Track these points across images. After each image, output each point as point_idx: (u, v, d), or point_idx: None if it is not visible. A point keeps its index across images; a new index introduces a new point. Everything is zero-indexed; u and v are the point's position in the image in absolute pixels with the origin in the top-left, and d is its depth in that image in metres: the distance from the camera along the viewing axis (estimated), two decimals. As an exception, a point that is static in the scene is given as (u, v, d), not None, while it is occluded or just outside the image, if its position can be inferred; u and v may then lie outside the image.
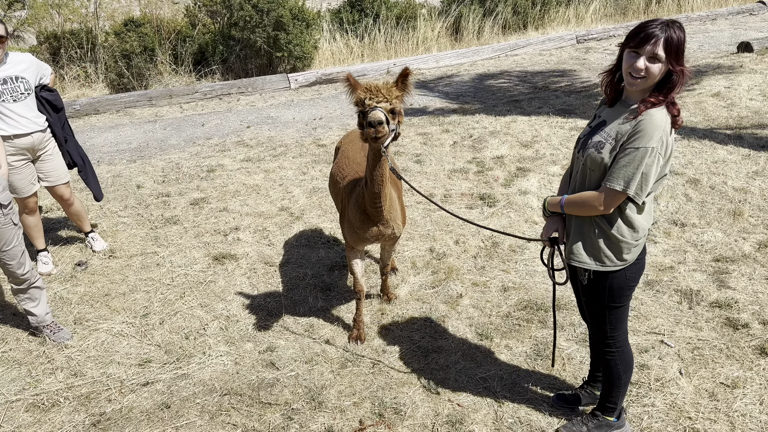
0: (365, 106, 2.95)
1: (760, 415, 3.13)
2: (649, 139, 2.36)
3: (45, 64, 4.80)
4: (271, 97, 9.99)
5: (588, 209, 2.54)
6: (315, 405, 3.37)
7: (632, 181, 2.40)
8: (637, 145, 2.37)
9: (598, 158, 2.49)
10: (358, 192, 3.44)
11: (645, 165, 2.38)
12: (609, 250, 2.59)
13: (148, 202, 6.05)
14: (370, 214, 3.40)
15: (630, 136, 2.40)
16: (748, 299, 4.06)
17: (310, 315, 4.21)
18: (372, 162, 3.15)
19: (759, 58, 10.00)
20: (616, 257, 2.60)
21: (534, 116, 8.01)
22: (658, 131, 2.36)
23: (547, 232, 2.81)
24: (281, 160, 7.02)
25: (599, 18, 14.17)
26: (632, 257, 2.62)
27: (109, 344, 3.99)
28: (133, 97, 9.69)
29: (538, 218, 5.32)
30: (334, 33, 12.00)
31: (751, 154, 6.28)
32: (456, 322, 4.04)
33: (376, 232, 3.49)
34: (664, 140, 2.38)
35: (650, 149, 2.36)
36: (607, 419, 3.03)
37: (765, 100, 7.87)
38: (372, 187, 3.23)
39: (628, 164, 2.40)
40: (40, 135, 4.59)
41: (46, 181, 4.76)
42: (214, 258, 4.94)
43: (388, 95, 2.96)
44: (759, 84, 8.59)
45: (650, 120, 2.37)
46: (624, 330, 2.85)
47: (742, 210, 5.16)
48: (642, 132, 2.37)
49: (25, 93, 4.48)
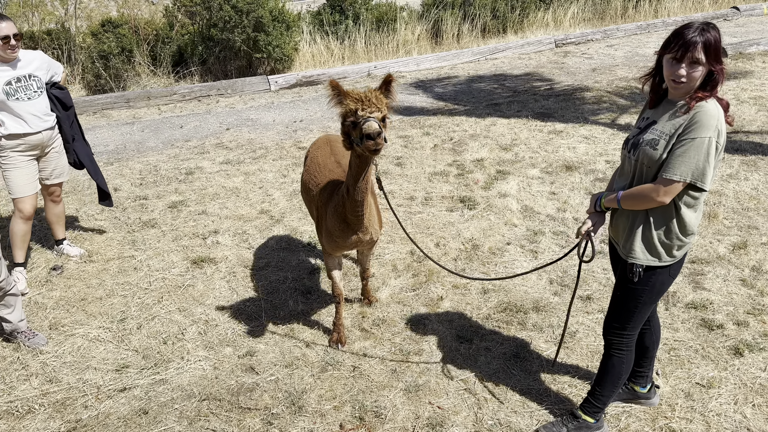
0: (358, 117, 2.84)
1: (734, 414, 3.18)
2: (707, 129, 2.42)
3: (56, 62, 4.78)
4: (251, 99, 9.94)
5: (646, 201, 2.58)
6: (295, 409, 3.35)
7: (690, 170, 2.45)
8: (694, 136, 2.43)
9: (655, 155, 2.54)
10: (337, 200, 3.35)
11: (703, 154, 2.43)
12: (661, 246, 2.66)
13: (125, 205, 5.97)
14: (350, 222, 3.34)
15: (686, 129, 2.46)
16: (723, 300, 4.13)
17: (291, 319, 4.18)
18: (356, 171, 3.07)
19: (733, 63, 10.19)
20: (667, 253, 2.67)
21: (513, 119, 8.06)
22: (713, 120, 2.42)
23: (587, 226, 2.87)
24: (261, 163, 6.98)
25: (577, 22, 14.32)
26: (681, 254, 2.71)
27: (85, 349, 3.92)
28: (111, 99, 9.57)
29: (518, 221, 5.35)
30: (314, 35, 11.98)
31: (725, 157, 6.39)
32: (436, 324, 4.05)
33: (355, 239, 3.44)
34: (720, 129, 2.44)
35: (707, 139, 2.42)
36: (587, 420, 3.06)
37: (739, 104, 8.02)
38: (355, 195, 3.16)
39: (684, 154, 2.45)
40: (49, 132, 4.58)
41: (47, 178, 4.72)
42: (192, 261, 4.89)
43: (379, 104, 2.88)
44: (733, 88, 8.76)
45: (705, 111, 2.43)
46: (637, 332, 2.92)
47: (716, 212, 5.24)
48: (698, 123, 2.43)
49: (38, 91, 4.46)
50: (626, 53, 11.73)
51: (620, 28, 13.46)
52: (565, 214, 5.42)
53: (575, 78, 10.16)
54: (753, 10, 14.73)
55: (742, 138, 6.92)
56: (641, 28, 13.55)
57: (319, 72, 10.85)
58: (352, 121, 2.88)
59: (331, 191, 3.51)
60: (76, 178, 6.49)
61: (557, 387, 3.45)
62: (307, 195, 3.89)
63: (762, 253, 4.65)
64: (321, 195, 3.61)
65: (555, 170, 6.35)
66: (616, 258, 2.86)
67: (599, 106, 8.51)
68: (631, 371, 3.16)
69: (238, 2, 10.29)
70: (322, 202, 3.58)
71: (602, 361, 3.02)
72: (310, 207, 3.87)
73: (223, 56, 10.94)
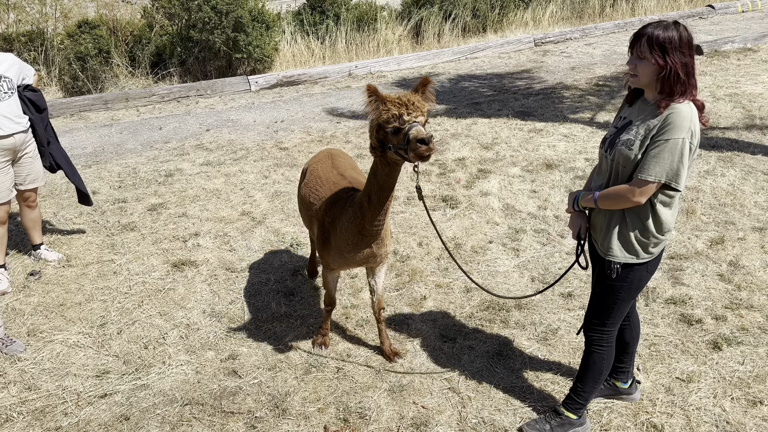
0: (403, 123, 2.69)
1: (714, 408, 3.23)
2: (680, 131, 2.45)
3: (27, 65, 4.71)
4: (231, 100, 9.87)
5: (622, 201, 2.62)
6: (279, 412, 3.33)
7: (665, 171, 2.49)
8: (668, 137, 2.47)
9: (630, 155, 2.58)
10: (353, 211, 3.15)
11: (677, 155, 2.47)
12: (638, 244, 2.70)
13: (104, 209, 5.90)
14: (366, 234, 3.16)
15: (660, 130, 2.50)
16: (702, 295, 4.19)
17: (273, 321, 4.16)
18: (384, 179, 2.94)
19: (708, 60, 10.34)
20: (644, 251, 2.71)
21: (494, 118, 8.10)
22: (686, 122, 2.46)
23: (575, 227, 2.92)
24: (242, 164, 6.93)
25: (556, 21, 14.43)
26: (657, 251, 2.75)
27: (64, 356, 3.87)
28: (88, 101, 9.44)
29: (499, 219, 5.38)
30: (294, 35, 11.93)
31: (702, 153, 6.48)
32: (420, 324, 4.06)
33: (367, 253, 3.27)
34: (693, 130, 2.48)
35: (681, 140, 2.45)
36: (569, 417, 3.08)
37: (715, 101, 8.14)
38: (378, 204, 3.01)
39: (658, 155, 2.49)
40: (22, 136, 4.49)
41: (21, 184, 4.63)
42: (173, 265, 4.85)
43: (422, 108, 2.75)
44: (709, 86, 8.88)
45: (677, 113, 2.47)
46: (617, 328, 2.96)
47: (694, 208, 5.32)
48: (671, 124, 2.47)
49: (9, 92, 4.38)
50: (604, 51, 11.85)
51: (598, 27, 13.59)
52: (546, 212, 5.46)
53: (554, 76, 10.23)
54: (728, 8, 14.95)
55: (718, 135, 7.02)
56: (619, 27, 13.69)
57: (299, 72, 10.80)
58: (395, 126, 2.71)
59: (342, 204, 3.30)
60: (53, 182, 6.40)
61: (540, 384, 3.48)
62: (307, 211, 3.70)
63: (739, 248, 4.72)
64: (326, 209, 3.41)
65: (535, 168, 6.39)
66: (595, 255, 2.90)
67: (578, 104, 8.59)
68: (612, 367, 3.19)
69: (218, 3, 10.22)
70: (329, 217, 3.36)
71: (583, 358, 3.04)
72: (311, 223, 3.68)
73: (202, 57, 10.85)
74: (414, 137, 2.63)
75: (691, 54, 2.49)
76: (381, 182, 2.96)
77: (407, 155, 2.70)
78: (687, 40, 2.47)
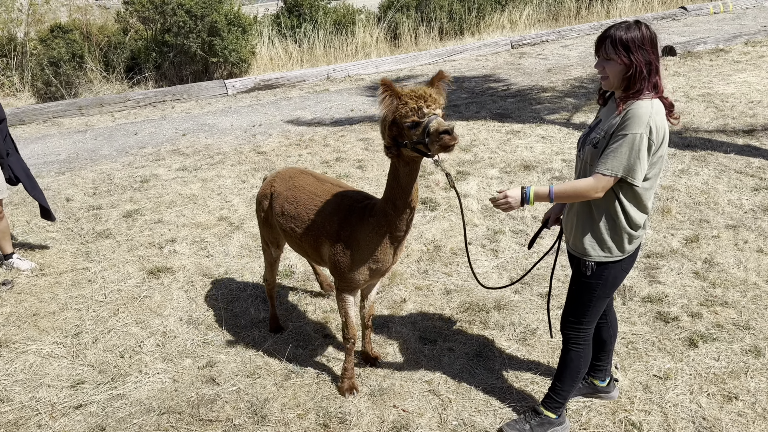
0: (423, 116, 2.62)
1: (690, 404, 3.26)
2: (638, 126, 2.48)
3: None
4: (208, 104, 9.79)
5: (579, 195, 2.63)
6: (258, 419, 3.30)
7: (621, 165, 2.51)
8: (626, 132, 2.50)
9: (597, 153, 2.61)
10: (375, 222, 3.01)
11: (634, 150, 2.49)
12: (611, 241, 2.72)
13: (78, 216, 5.80)
14: (394, 240, 3.05)
15: (619, 126, 2.53)
16: (678, 293, 4.24)
17: (252, 327, 4.12)
18: (407, 179, 2.84)
19: (681, 61, 10.50)
20: (617, 248, 2.73)
21: (472, 121, 8.14)
22: (645, 117, 2.48)
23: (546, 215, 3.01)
24: (219, 169, 6.87)
25: (532, 23, 14.56)
26: (632, 248, 2.77)
27: (38, 366, 3.79)
28: (62, 107, 9.30)
29: (478, 220, 5.39)
30: (272, 38, 11.88)
31: (676, 153, 6.57)
32: (400, 327, 4.05)
33: (390, 260, 3.12)
34: (653, 126, 2.49)
35: (638, 135, 2.48)
36: (549, 416, 3.09)
37: (688, 102, 8.26)
38: (404, 208, 2.91)
39: (615, 150, 2.52)
40: None
41: None
42: (149, 272, 4.78)
43: (439, 100, 2.69)
44: (682, 86, 9.01)
45: (636, 108, 2.51)
46: (593, 326, 2.98)
47: (669, 207, 5.38)
48: (629, 120, 2.50)
49: None
50: (580, 53, 11.97)
51: (574, 29, 13.74)
52: (524, 213, 5.49)
53: (531, 78, 10.31)
54: (700, 10, 15.22)
55: (692, 134, 7.12)
56: (594, 29, 13.85)
57: (277, 75, 10.75)
58: (414, 120, 2.64)
59: (360, 213, 3.10)
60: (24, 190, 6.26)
61: (519, 384, 3.48)
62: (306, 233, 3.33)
63: (713, 246, 4.78)
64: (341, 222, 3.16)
65: (513, 170, 6.42)
66: (571, 254, 2.91)
67: (555, 105, 8.66)
68: (590, 365, 3.21)
69: (192, 7, 10.13)
70: (347, 230, 3.12)
71: (561, 356, 3.06)
72: (315, 243, 3.30)
73: (178, 61, 10.76)
74: (436, 129, 2.57)
75: (654, 52, 2.52)
76: (404, 183, 2.87)
77: (428, 149, 2.64)
78: (650, 38, 2.51)
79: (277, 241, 3.73)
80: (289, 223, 3.43)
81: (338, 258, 3.15)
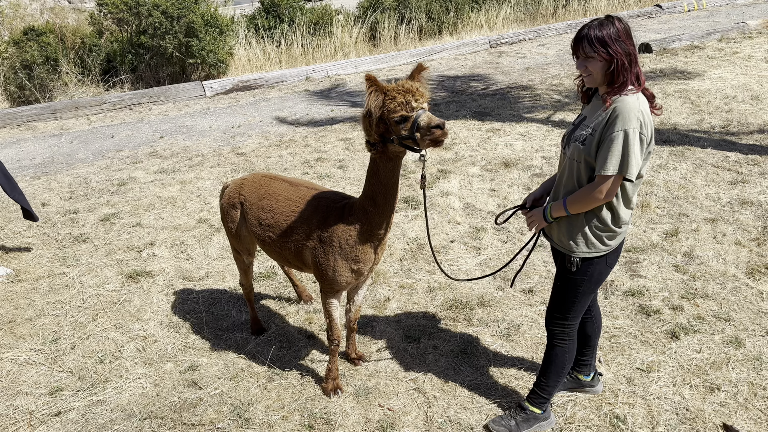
0: (411, 110, 2.60)
1: (674, 396, 3.28)
2: (628, 121, 2.48)
3: None
4: (186, 106, 9.68)
5: (591, 201, 2.62)
6: (242, 422, 3.25)
7: (619, 163, 2.51)
8: (617, 129, 2.49)
9: (583, 150, 2.61)
10: (355, 220, 2.98)
11: (628, 146, 2.49)
12: (595, 237, 2.72)
13: (54, 221, 5.69)
14: (375, 239, 3.03)
15: (608, 123, 2.53)
16: (658, 286, 4.27)
17: (234, 330, 4.07)
18: (387, 176, 2.82)
19: (657, 58, 10.62)
20: (601, 243, 2.73)
21: (452, 120, 8.14)
22: (633, 112, 2.49)
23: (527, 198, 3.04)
24: (198, 171, 6.79)
25: (510, 23, 14.63)
26: (615, 243, 2.76)
27: (15, 374, 3.70)
28: (36, 110, 9.12)
29: (461, 218, 5.39)
30: (249, 39, 11.79)
31: (654, 148, 6.63)
32: (384, 326, 4.02)
33: (373, 259, 3.11)
34: (641, 120, 2.50)
35: (630, 130, 2.48)
36: (534, 411, 3.09)
37: (665, 98, 8.35)
38: (385, 206, 2.89)
39: (611, 148, 2.51)
40: None
41: None
42: (128, 276, 4.70)
43: (425, 93, 2.66)
44: (658, 83, 9.11)
45: (623, 105, 2.51)
46: (578, 322, 2.98)
47: (649, 202, 5.43)
48: (618, 117, 2.50)
49: None
50: (558, 52, 12.06)
51: (551, 28, 13.83)
52: (505, 210, 5.50)
53: (510, 77, 10.36)
54: (674, 8, 15.42)
55: (669, 130, 7.20)
56: (571, 27, 13.96)
57: (256, 76, 10.67)
58: (403, 115, 2.61)
59: (338, 214, 3.06)
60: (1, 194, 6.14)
61: (504, 380, 3.48)
62: (283, 238, 3.26)
63: (693, 239, 4.84)
64: (319, 224, 3.11)
65: (494, 167, 6.44)
66: (556, 250, 2.91)
67: (534, 103, 8.71)
68: (575, 360, 3.22)
69: (168, 8, 10.01)
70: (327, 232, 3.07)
71: (546, 352, 3.06)
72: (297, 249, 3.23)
73: (154, 63, 10.63)
74: (427, 123, 2.57)
75: (631, 42, 2.53)
76: (385, 180, 2.85)
77: (417, 144, 2.62)
78: (624, 29, 2.52)
79: (248, 249, 3.69)
80: (267, 233, 3.34)
81: (320, 260, 3.12)
